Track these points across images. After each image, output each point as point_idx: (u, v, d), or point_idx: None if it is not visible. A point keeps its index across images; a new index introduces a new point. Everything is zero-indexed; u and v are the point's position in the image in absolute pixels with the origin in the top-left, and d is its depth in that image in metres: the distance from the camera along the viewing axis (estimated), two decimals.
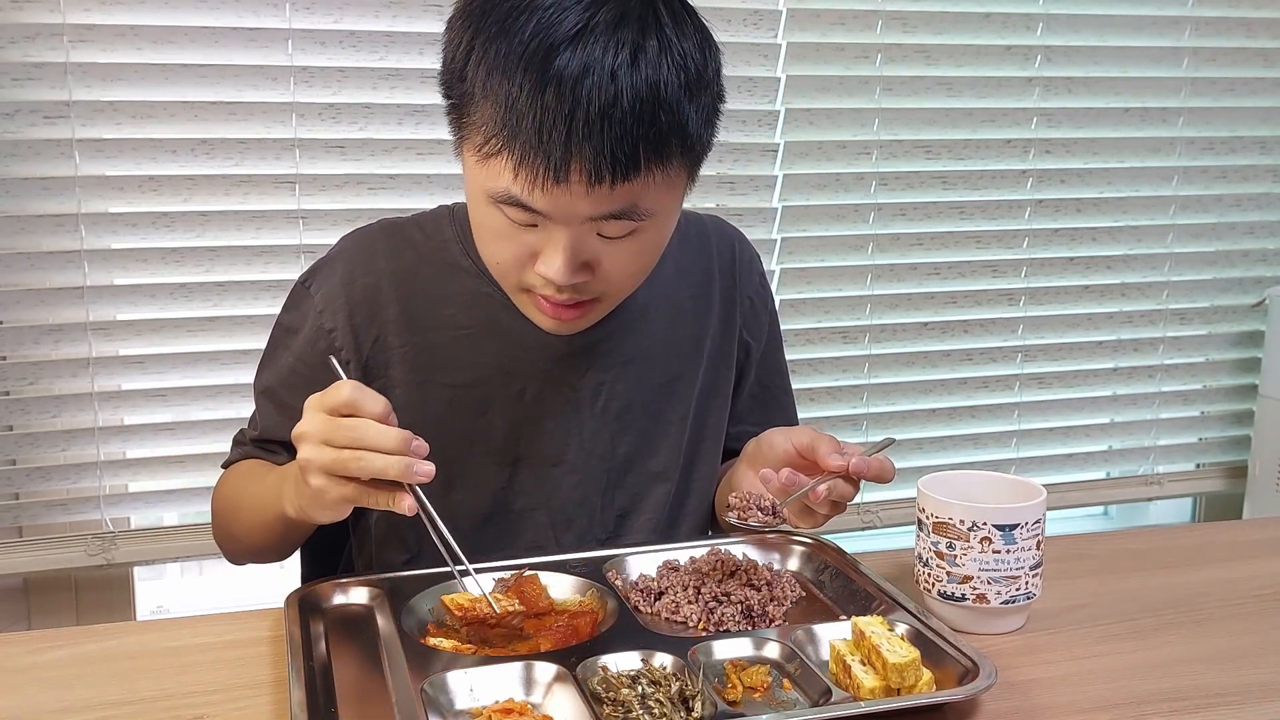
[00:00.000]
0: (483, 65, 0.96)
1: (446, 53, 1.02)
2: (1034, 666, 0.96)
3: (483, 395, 1.16)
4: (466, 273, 1.16)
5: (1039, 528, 1.01)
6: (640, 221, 1.01)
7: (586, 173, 0.95)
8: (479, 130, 0.97)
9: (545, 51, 0.93)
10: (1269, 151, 2.28)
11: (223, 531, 1.22)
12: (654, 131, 0.96)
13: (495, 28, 0.96)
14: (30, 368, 1.74)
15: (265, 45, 1.75)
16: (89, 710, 0.90)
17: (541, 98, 0.93)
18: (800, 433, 1.12)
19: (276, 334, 1.21)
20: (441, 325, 1.16)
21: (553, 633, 0.96)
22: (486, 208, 1.02)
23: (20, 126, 1.68)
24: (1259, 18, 2.22)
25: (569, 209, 0.98)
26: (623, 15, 0.95)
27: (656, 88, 0.95)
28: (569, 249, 1.00)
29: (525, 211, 0.99)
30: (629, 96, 0.93)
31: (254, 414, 1.22)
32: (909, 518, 1.09)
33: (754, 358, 1.31)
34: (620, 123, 0.93)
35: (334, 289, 1.15)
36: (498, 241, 1.04)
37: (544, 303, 1.07)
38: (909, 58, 2.06)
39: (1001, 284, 2.18)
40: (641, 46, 0.94)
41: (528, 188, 0.96)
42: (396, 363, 1.15)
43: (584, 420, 1.19)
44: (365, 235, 1.20)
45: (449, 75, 1.01)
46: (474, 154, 0.99)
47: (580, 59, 0.93)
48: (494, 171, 0.97)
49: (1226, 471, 2.38)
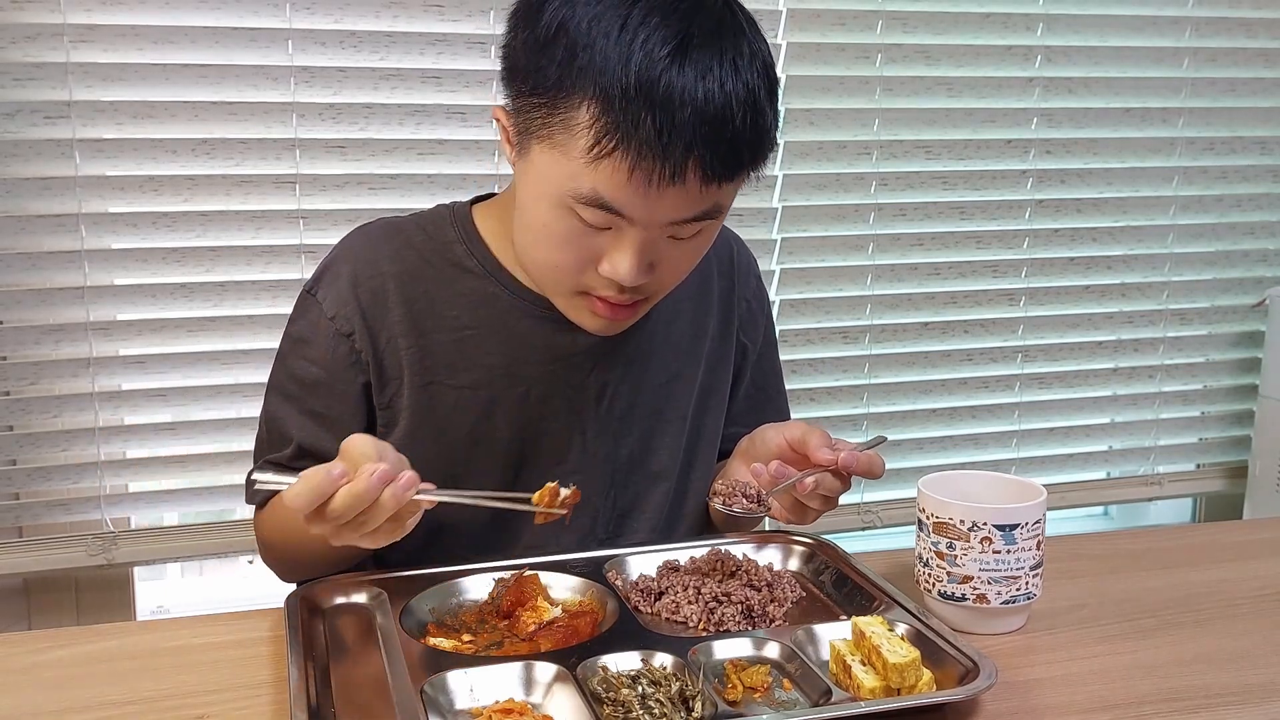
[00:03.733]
0: (587, 68, 0.96)
1: (525, 54, 1.01)
2: (1034, 666, 0.97)
3: (488, 397, 1.16)
4: (471, 273, 1.17)
5: (1039, 528, 1.01)
6: (712, 221, 1.05)
7: (701, 174, 0.98)
8: (586, 131, 0.97)
9: (661, 57, 0.95)
10: (1269, 151, 2.28)
11: (286, 566, 1.20)
12: (755, 133, 1.00)
13: (596, 31, 0.96)
14: (30, 368, 1.74)
15: (265, 45, 1.75)
16: (89, 710, 0.90)
17: (661, 101, 0.95)
18: (792, 427, 1.14)
19: (286, 346, 1.19)
20: (446, 326, 1.16)
21: (553, 633, 0.96)
22: (554, 211, 1.02)
23: (20, 126, 1.68)
24: (1259, 18, 2.21)
25: (662, 211, 1.00)
26: (719, 24, 0.99)
27: (754, 92, 0.99)
28: (641, 250, 1.02)
29: (604, 213, 1.00)
30: (737, 101, 0.97)
31: (266, 435, 1.20)
32: (909, 518, 1.09)
33: (750, 359, 1.33)
34: (732, 125, 0.97)
35: (343, 293, 1.15)
36: (561, 245, 1.04)
37: (600, 304, 1.08)
38: (909, 58, 2.06)
39: (1002, 284, 2.18)
40: (740, 52, 0.99)
41: (640, 189, 0.97)
42: (405, 364, 1.15)
43: (587, 421, 1.19)
44: (366, 237, 1.20)
45: (533, 74, 1.00)
46: (580, 155, 0.97)
47: (694, 65, 0.96)
48: (603, 172, 0.97)
49: (1226, 471, 2.38)
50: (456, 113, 1.83)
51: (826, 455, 1.07)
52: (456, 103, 1.82)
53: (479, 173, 1.85)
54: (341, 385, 1.15)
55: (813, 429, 1.11)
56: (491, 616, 1.02)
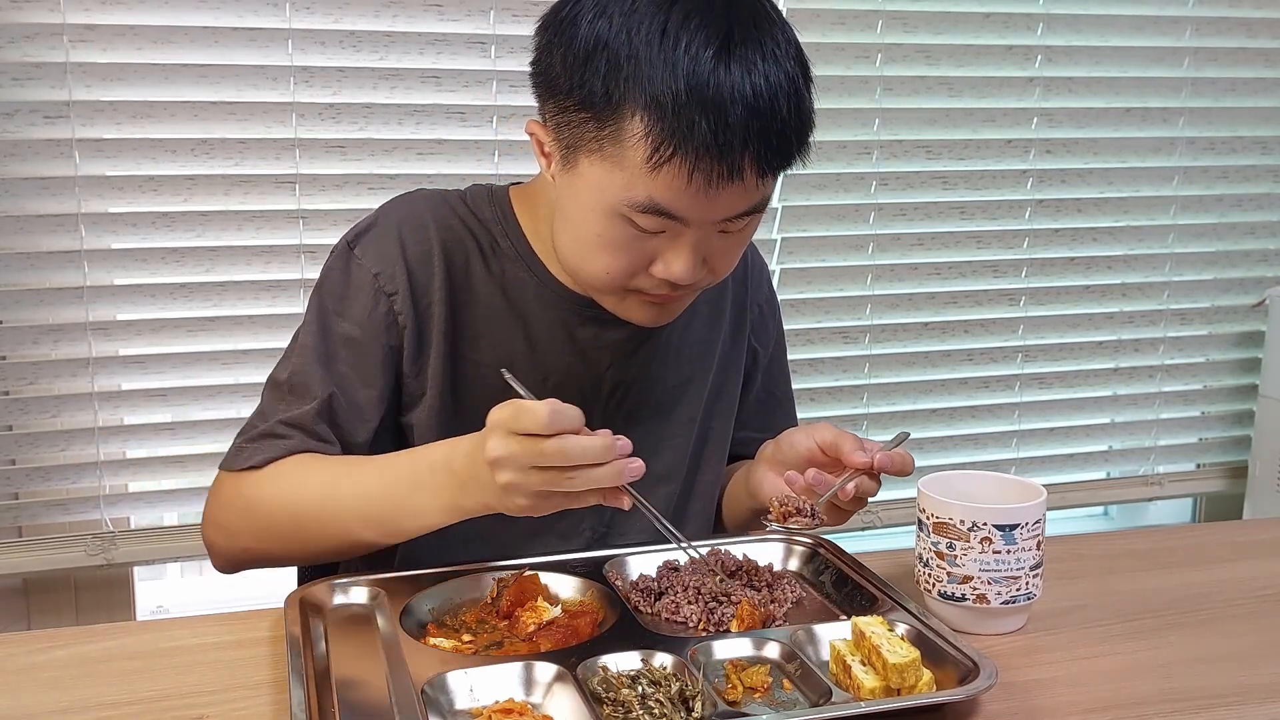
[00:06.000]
0: (634, 79, 0.96)
1: (564, 70, 1.00)
2: (1034, 667, 0.96)
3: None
4: (505, 255, 1.17)
5: (1039, 528, 1.01)
6: (759, 214, 1.06)
7: (757, 168, 0.99)
8: (640, 142, 0.97)
9: (707, 59, 0.95)
10: (1269, 151, 2.28)
11: (289, 536, 1.09)
12: (799, 120, 1.01)
13: (637, 40, 0.96)
14: (30, 368, 1.74)
15: (265, 45, 1.75)
16: (89, 710, 0.90)
17: (713, 103, 0.95)
18: (821, 430, 1.13)
19: (317, 306, 1.14)
20: (479, 302, 1.16)
21: (553, 633, 0.96)
22: (606, 220, 1.03)
23: (20, 126, 1.68)
24: (1259, 18, 2.21)
25: (718, 210, 1.01)
26: (755, 16, 1.00)
27: (795, 81, 1.00)
28: (695, 250, 1.04)
29: (661, 219, 1.01)
30: (782, 92, 0.98)
31: (286, 392, 1.12)
32: (909, 518, 1.09)
33: (761, 364, 1.34)
34: (780, 116, 0.98)
35: (389, 252, 1.13)
36: (614, 253, 1.05)
37: (649, 299, 1.09)
38: (909, 58, 2.06)
39: (1002, 284, 2.18)
40: (777, 42, 1.00)
41: (699, 191, 0.98)
42: (440, 333, 1.14)
43: (595, 417, 1.19)
44: (411, 204, 1.18)
45: (577, 90, 0.99)
46: (637, 166, 0.98)
47: (739, 62, 0.96)
48: (661, 180, 0.98)
49: (1226, 471, 2.38)
50: (456, 113, 1.83)
51: (861, 458, 1.07)
52: (456, 103, 1.82)
53: (479, 173, 1.85)
54: (372, 346, 1.13)
55: (842, 432, 1.11)
56: (491, 616, 1.02)
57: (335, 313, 1.14)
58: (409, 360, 1.14)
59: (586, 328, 1.17)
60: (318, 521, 1.08)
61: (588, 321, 1.17)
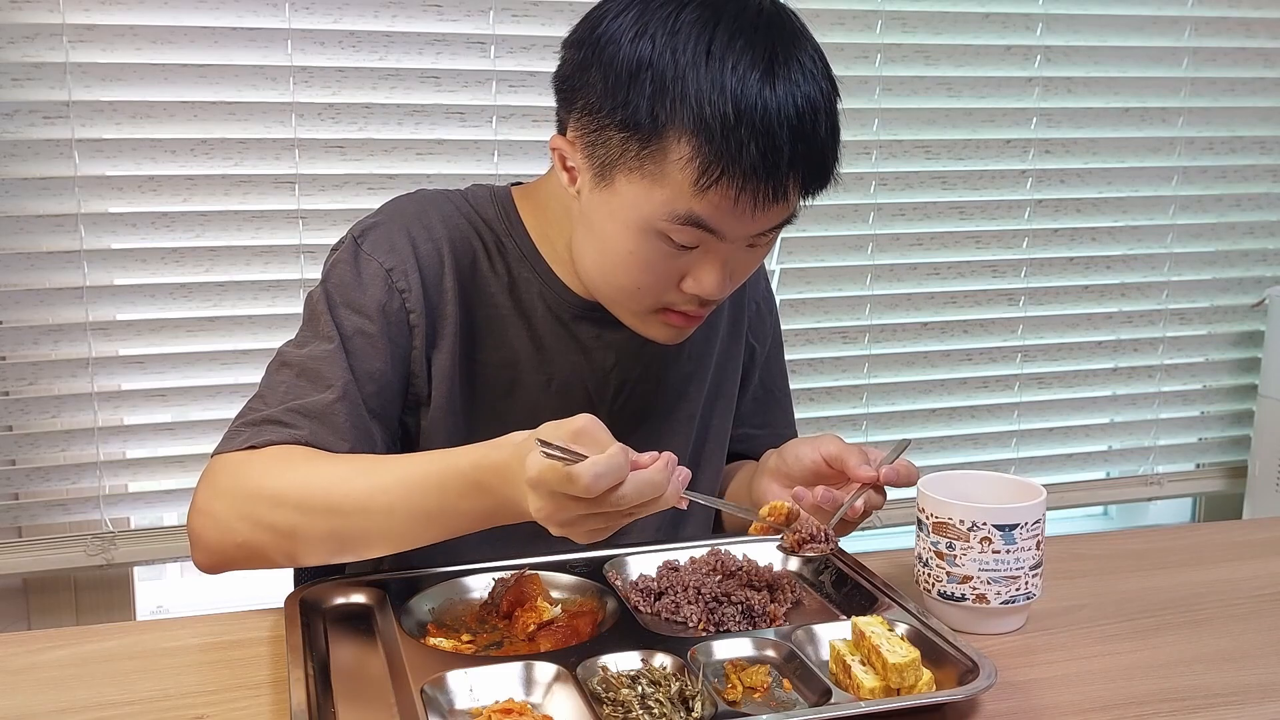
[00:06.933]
0: (682, 100, 0.96)
1: (603, 90, 1.00)
2: (1034, 666, 0.97)
3: (510, 378, 1.17)
4: (510, 255, 1.17)
5: (1039, 528, 1.01)
6: (784, 227, 1.06)
7: (801, 186, 1.01)
8: (687, 163, 0.97)
9: (754, 80, 0.96)
10: (1269, 151, 2.28)
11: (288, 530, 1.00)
12: (833, 137, 1.03)
13: (683, 61, 0.96)
14: (30, 368, 1.74)
15: (265, 45, 1.75)
16: (89, 710, 0.90)
17: (761, 126, 0.96)
18: (826, 442, 1.12)
19: (328, 295, 1.10)
20: (485, 301, 1.15)
21: (553, 633, 0.96)
22: (641, 237, 1.02)
23: (20, 126, 1.68)
24: (1259, 18, 2.21)
25: (757, 226, 1.02)
26: (792, 34, 1.00)
27: (830, 99, 1.02)
28: (725, 265, 1.05)
29: (698, 232, 1.01)
30: (821, 112, 1.00)
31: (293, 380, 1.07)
32: (909, 518, 1.09)
33: (758, 361, 1.34)
34: (820, 136, 1.00)
35: (400, 248, 1.11)
36: (645, 269, 1.05)
37: (675, 316, 1.09)
38: (909, 58, 2.06)
39: (1001, 284, 2.18)
40: (812, 59, 1.01)
41: (745, 211, 0.99)
42: (450, 332, 1.13)
43: (601, 417, 1.18)
44: (416, 203, 1.17)
45: (619, 110, 0.99)
46: (682, 187, 0.98)
47: (782, 82, 0.97)
48: (709, 200, 0.98)
49: (1226, 471, 2.38)
50: (456, 113, 1.83)
51: (867, 472, 1.07)
52: (456, 103, 1.82)
53: (479, 173, 1.85)
54: (382, 340, 1.09)
55: (848, 446, 1.11)
56: (491, 616, 1.02)
57: (345, 304, 1.10)
58: (418, 359, 1.13)
59: (591, 328, 1.18)
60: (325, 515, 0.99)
61: (592, 322, 1.17)
